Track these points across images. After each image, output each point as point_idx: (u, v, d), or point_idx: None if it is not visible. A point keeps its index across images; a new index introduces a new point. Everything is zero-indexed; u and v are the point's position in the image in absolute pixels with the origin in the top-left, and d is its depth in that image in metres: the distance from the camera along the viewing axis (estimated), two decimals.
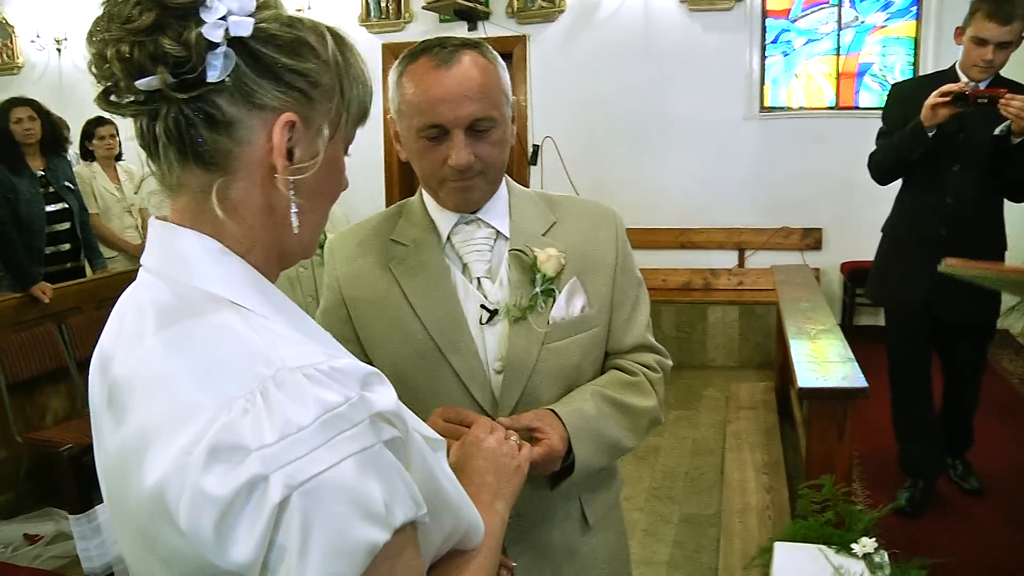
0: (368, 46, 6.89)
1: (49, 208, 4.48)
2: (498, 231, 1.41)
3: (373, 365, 1.39)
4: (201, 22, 0.73)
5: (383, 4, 6.82)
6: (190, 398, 0.70)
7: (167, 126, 0.77)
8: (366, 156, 6.97)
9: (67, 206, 4.57)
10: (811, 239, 6.25)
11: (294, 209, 0.80)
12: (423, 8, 6.47)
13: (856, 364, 2.89)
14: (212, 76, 0.74)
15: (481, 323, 1.38)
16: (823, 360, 3.01)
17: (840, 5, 6.13)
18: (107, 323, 0.85)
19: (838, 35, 6.15)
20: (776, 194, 6.19)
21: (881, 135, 3.36)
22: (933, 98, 2.99)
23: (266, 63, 0.77)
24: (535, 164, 6.61)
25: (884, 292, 3.51)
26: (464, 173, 1.32)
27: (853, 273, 5.96)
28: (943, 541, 3.20)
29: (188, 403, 0.69)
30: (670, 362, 1.54)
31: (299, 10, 6.74)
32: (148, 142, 0.79)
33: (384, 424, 0.72)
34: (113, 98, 0.76)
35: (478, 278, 1.40)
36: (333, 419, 0.68)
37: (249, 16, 0.75)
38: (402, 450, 0.75)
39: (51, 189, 4.51)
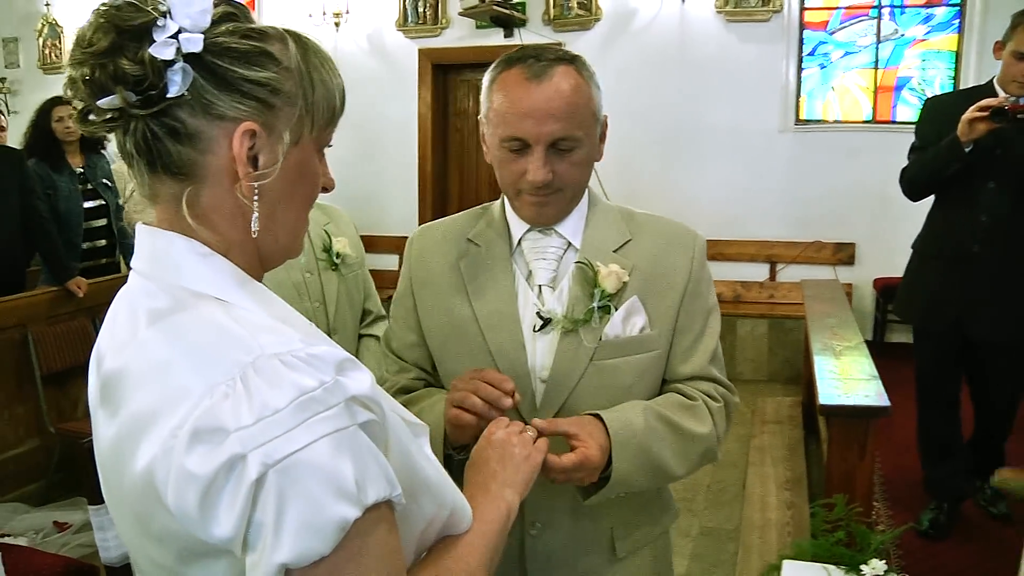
0: (405, 51, 6.97)
1: (87, 204, 4.59)
2: (570, 242, 1.41)
3: (431, 354, 1.47)
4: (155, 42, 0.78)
5: (420, 10, 6.88)
6: (177, 386, 0.74)
7: (136, 140, 0.82)
8: (399, 160, 7.03)
9: (104, 203, 4.68)
10: (844, 254, 6.17)
11: (255, 215, 0.84)
12: (460, 14, 6.52)
13: (880, 382, 2.86)
14: (173, 91, 0.79)
15: (534, 330, 1.38)
16: (847, 377, 2.98)
17: (880, 18, 6.06)
18: (103, 323, 0.90)
19: (876, 48, 6.08)
20: (809, 208, 6.13)
21: (914, 150, 3.30)
22: (971, 112, 2.93)
23: (223, 75, 0.80)
24: None
25: (913, 310, 3.45)
26: (540, 190, 1.33)
27: (886, 289, 5.88)
28: (967, 566, 3.14)
29: (176, 391, 0.74)
30: (736, 398, 1.46)
31: (336, 15, 6.83)
32: (126, 155, 0.84)
33: (359, 407, 0.76)
34: (92, 117, 0.81)
35: (540, 286, 1.40)
36: (308, 402, 0.72)
37: (202, 32, 0.79)
38: (379, 433, 0.79)
39: (89, 186, 4.62)
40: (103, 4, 0.79)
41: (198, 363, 0.75)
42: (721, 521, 3.74)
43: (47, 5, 8.11)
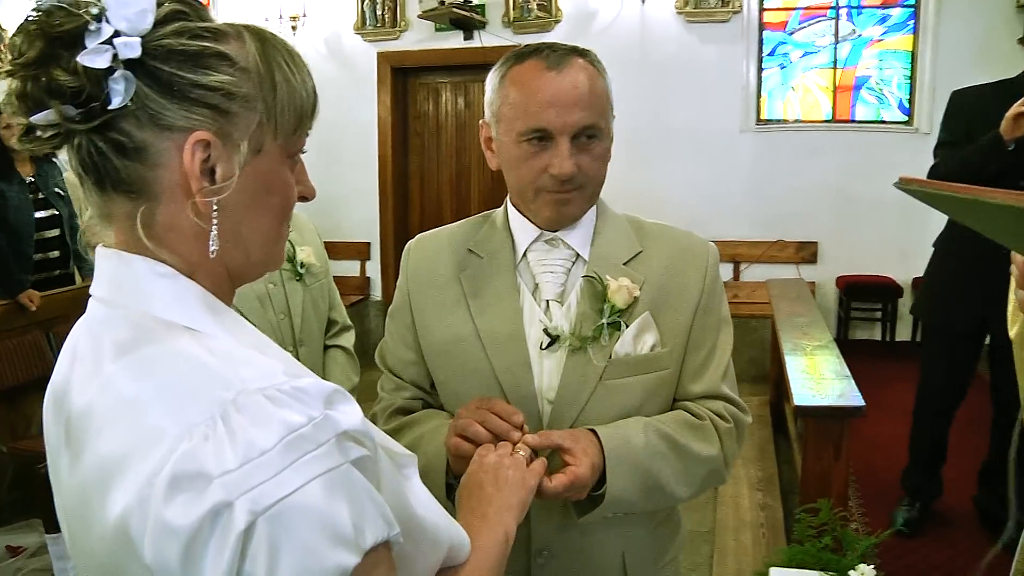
0: (364, 55, 6.88)
1: (38, 215, 4.42)
2: (578, 254, 1.34)
3: (431, 374, 1.39)
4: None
5: (379, 13, 6.79)
6: (150, 427, 0.67)
7: (81, 157, 0.74)
8: (359, 165, 6.94)
9: (57, 213, 4.52)
10: (807, 252, 6.22)
11: (213, 232, 0.76)
12: (419, 17, 6.45)
13: (852, 381, 2.86)
14: (115, 102, 0.71)
15: (541, 348, 1.31)
16: (819, 377, 2.98)
17: (837, 18, 6.12)
18: (59, 357, 0.81)
19: (835, 48, 6.15)
20: (772, 207, 6.17)
21: (942, 145, 3.12)
22: (1016, 108, 2.76)
23: (169, 81, 0.73)
24: None
25: (937, 310, 3.33)
26: (564, 184, 1.26)
27: (849, 287, 5.94)
28: (939, 562, 3.16)
29: (148, 432, 0.67)
30: (748, 418, 1.39)
31: (293, 18, 6.72)
32: (76, 173, 0.77)
33: (351, 443, 0.69)
34: (38, 133, 0.73)
35: (547, 300, 1.33)
36: (297, 440, 0.65)
37: (142, 35, 0.72)
38: (372, 469, 0.72)
39: (40, 195, 4.45)
40: (33, 9, 0.71)
41: (172, 402, 0.68)
42: (695, 524, 3.72)
43: None
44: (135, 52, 0.71)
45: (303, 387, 0.69)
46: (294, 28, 6.82)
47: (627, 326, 1.29)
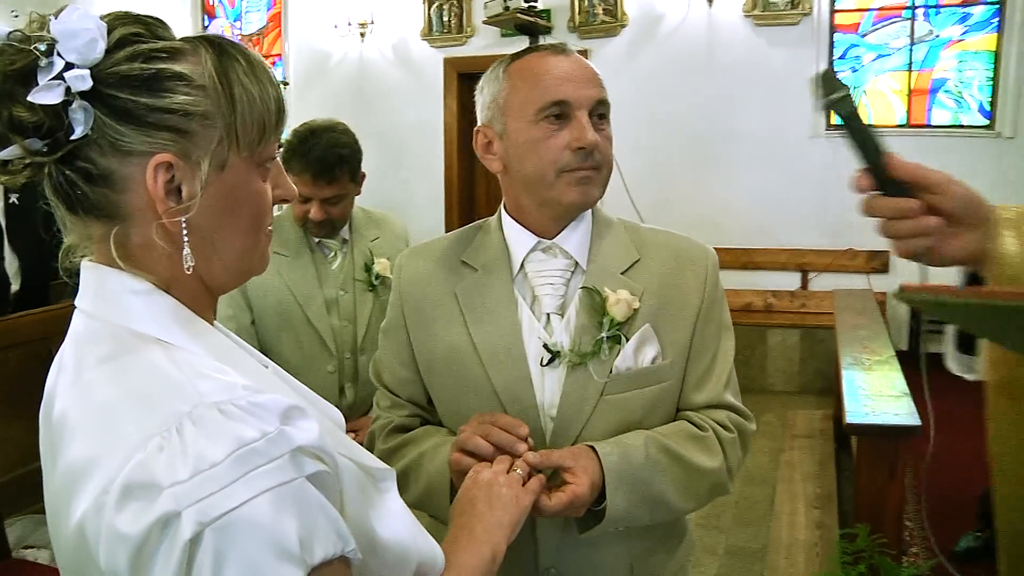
0: (430, 60, 6.95)
1: None
2: (576, 263, 1.32)
3: (428, 390, 1.37)
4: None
5: (445, 19, 6.85)
6: (112, 435, 0.70)
7: (53, 185, 0.77)
8: (425, 169, 7.01)
9: None
10: (878, 262, 6.01)
11: (186, 251, 0.78)
12: (484, 23, 6.48)
13: (910, 400, 2.74)
14: (77, 132, 0.73)
15: (542, 364, 1.29)
16: (876, 393, 2.87)
17: (914, 19, 5.90)
18: (51, 367, 0.85)
19: (910, 50, 5.92)
20: (842, 214, 5.97)
21: None
22: None
23: (125, 108, 0.74)
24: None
25: None
26: (588, 159, 1.24)
27: None
28: None
29: (110, 440, 0.69)
30: (752, 426, 1.36)
31: (362, 25, 6.83)
32: (51, 200, 0.80)
33: (307, 459, 0.70)
34: (10, 167, 0.75)
35: (547, 314, 1.31)
36: (248, 454, 0.66)
37: (93, 64, 0.73)
38: (331, 484, 0.73)
39: None
40: None
41: (135, 412, 0.70)
42: (748, 540, 3.63)
43: None
44: (86, 84, 0.72)
45: (260, 402, 0.70)
46: (362, 35, 6.94)
47: (627, 339, 1.27)
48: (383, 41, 7.02)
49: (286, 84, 7.27)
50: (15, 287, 4.17)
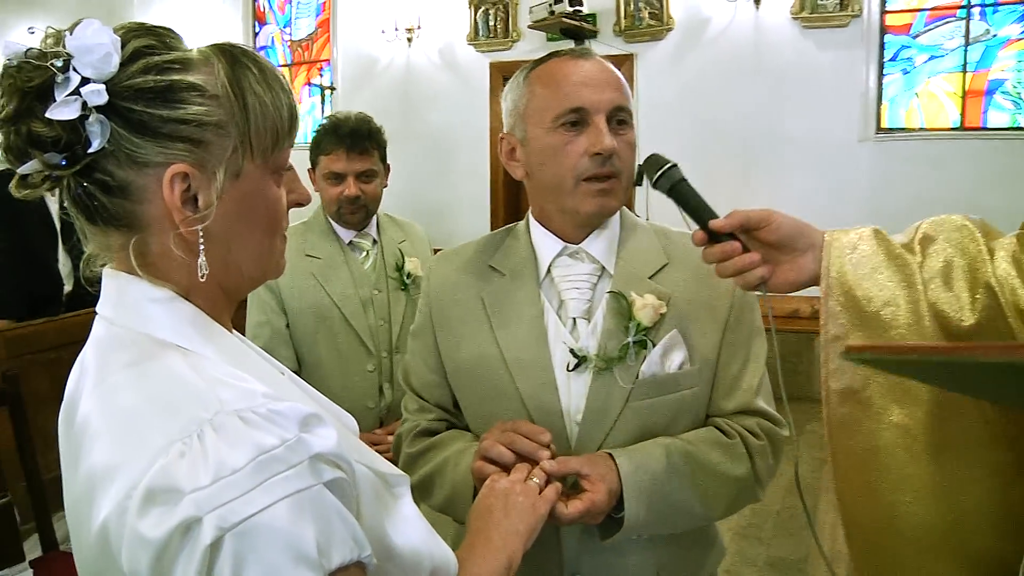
0: (477, 65, 6.99)
1: None
2: (603, 267, 1.32)
3: (455, 394, 1.39)
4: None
5: (491, 23, 6.89)
6: (134, 440, 0.71)
7: (71, 197, 0.79)
8: (471, 173, 7.05)
9: None
10: None
11: (201, 259, 0.80)
12: (530, 27, 6.50)
13: None
14: (94, 145, 0.75)
15: (568, 369, 1.29)
16: None
17: (968, 18, 5.75)
18: (72, 372, 0.87)
19: (965, 51, 5.78)
20: (893, 220, 5.73)
21: None
22: None
23: (140, 120, 0.76)
24: (639, 185, 6.47)
25: None
26: (604, 166, 1.24)
27: None
28: None
29: (132, 446, 0.71)
30: (785, 432, 1.33)
31: (409, 30, 6.90)
32: (71, 211, 0.82)
33: (325, 466, 0.72)
34: (30, 179, 0.78)
35: (574, 318, 1.30)
36: (268, 461, 0.68)
37: (108, 78, 0.74)
38: (348, 491, 0.75)
39: None
40: (7, 62, 0.75)
41: (155, 417, 0.72)
42: (789, 551, 3.58)
43: None
44: (102, 99, 0.74)
45: (279, 410, 0.72)
46: (409, 40, 7.01)
47: (654, 344, 1.26)
48: (430, 46, 7.08)
49: (333, 89, 7.38)
50: (68, 288, 4.30)
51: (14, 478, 2.51)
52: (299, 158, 1.13)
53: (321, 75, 7.70)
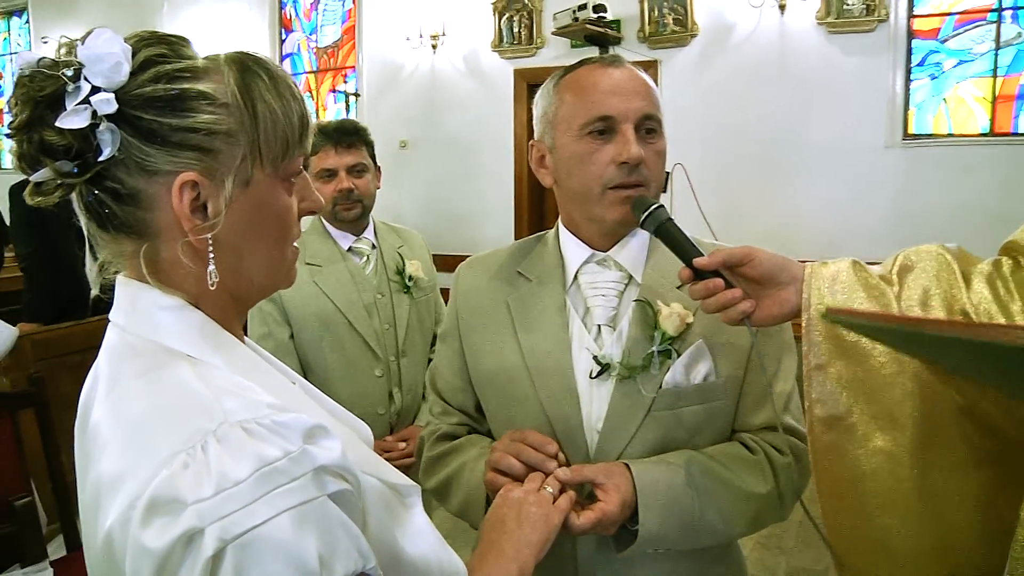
0: (501, 71, 7.00)
1: None
2: (630, 276, 1.31)
3: (479, 399, 1.39)
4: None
5: (516, 30, 6.90)
6: (138, 451, 0.72)
7: (84, 206, 0.80)
8: (495, 180, 7.06)
9: None
10: None
11: (210, 267, 0.80)
12: (553, 34, 6.50)
13: None
14: (105, 153, 0.75)
15: (591, 376, 1.27)
16: None
17: (1000, 21, 5.67)
18: (87, 379, 0.88)
19: (995, 55, 5.70)
20: (919, 228, 5.78)
21: None
22: None
23: (150, 129, 0.76)
24: (665, 191, 6.47)
25: None
26: (632, 175, 1.23)
27: None
28: None
29: (136, 456, 0.71)
30: None
31: (433, 37, 6.93)
32: (83, 219, 0.82)
33: (329, 478, 0.72)
34: (43, 187, 0.79)
35: (599, 326, 1.30)
36: (271, 473, 0.68)
37: (119, 87, 0.75)
38: (352, 502, 0.75)
39: None
40: (21, 71, 0.76)
41: (163, 428, 0.72)
42: (811, 561, 3.54)
43: None
44: (112, 108, 0.75)
45: (283, 421, 0.72)
46: (434, 47, 7.03)
47: (679, 354, 1.24)
48: (454, 53, 7.10)
49: (358, 96, 7.43)
50: (94, 292, 4.34)
51: (41, 479, 2.55)
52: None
53: (346, 82, 7.75)
